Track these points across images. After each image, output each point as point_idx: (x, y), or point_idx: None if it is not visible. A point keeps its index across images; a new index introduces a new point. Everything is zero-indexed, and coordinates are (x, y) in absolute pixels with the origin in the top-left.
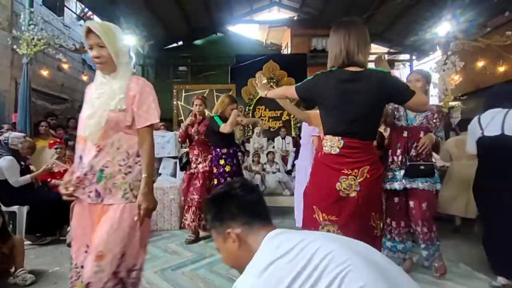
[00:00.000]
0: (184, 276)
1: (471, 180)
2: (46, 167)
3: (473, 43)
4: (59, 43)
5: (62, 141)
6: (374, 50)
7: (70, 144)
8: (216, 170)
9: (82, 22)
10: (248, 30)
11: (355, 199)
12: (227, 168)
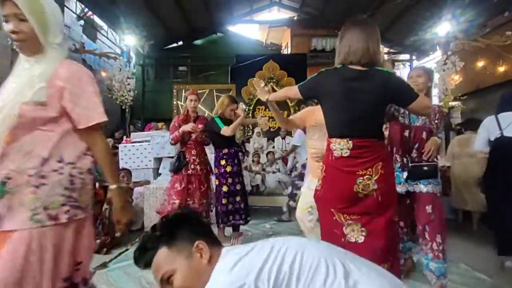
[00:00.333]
0: None
1: (472, 177)
2: None
3: (473, 43)
4: None
5: None
6: None
7: None
8: (217, 171)
9: (82, 22)
10: (248, 30)
11: (374, 197)
12: (228, 169)
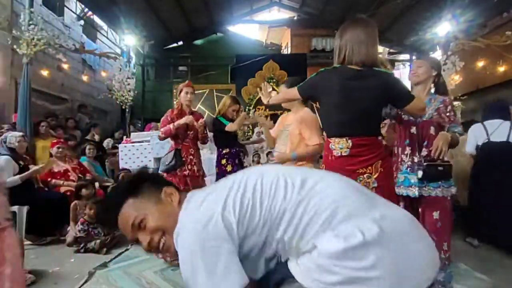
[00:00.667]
0: None
1: (463, 173)
2: (37, 168)
3: (473, 43)
4: (59, 43)
5: (65, 141)
6: None
7: (71, 144)
8: (217, 170)
9: (82, 22)
10: (248, 30)
11: None
12: (229, 168)
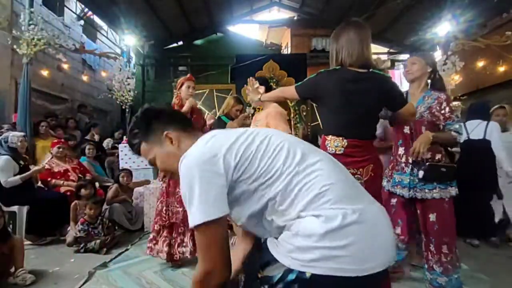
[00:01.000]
0: (184, 276)
1: None
2: (38, 168)
3: (473, 43)
4: (59, 43)
5: (65, 141)
6: (374, 50)
7: (71, 144)
8: None
9: (82, 22)
10: (248, 30)
11: None
12: None
